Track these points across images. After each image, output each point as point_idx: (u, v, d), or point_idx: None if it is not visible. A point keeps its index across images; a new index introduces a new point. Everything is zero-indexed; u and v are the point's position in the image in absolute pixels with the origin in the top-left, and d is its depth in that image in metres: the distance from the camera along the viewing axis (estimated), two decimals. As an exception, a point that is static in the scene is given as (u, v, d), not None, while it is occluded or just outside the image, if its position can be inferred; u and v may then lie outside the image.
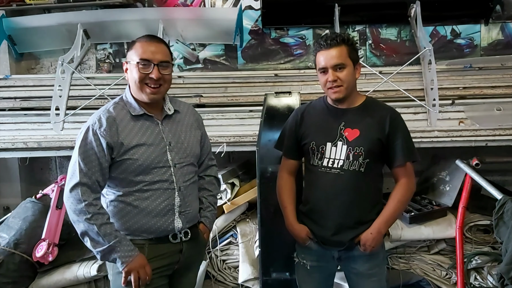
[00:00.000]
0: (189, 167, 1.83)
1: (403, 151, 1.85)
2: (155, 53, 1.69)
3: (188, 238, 1.81)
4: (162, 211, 1.74)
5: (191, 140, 1.86)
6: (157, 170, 1.73)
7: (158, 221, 1.73)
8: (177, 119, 1.85)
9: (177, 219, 1.77)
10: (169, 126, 1.80)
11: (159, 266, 1.75)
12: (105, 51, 3.61)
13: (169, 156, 1.76)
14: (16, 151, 3.08)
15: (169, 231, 1.76)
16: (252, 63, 3.56)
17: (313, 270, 1.99)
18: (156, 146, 1.73)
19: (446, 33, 3.45)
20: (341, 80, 1.80)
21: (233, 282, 2.88)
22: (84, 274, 2.76)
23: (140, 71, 1.68)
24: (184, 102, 1.97)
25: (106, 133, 1.65)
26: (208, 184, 2.01)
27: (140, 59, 1.68)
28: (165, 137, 1.76)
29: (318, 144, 1.89)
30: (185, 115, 1.89)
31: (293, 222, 1.98)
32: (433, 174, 3.20)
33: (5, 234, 2.85)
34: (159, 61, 1.69)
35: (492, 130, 2.84)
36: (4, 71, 3.49)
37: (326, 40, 1.80)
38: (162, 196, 1.74)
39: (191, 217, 1.84)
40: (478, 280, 2.75)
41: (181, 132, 1.83)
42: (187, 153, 1.82)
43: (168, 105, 1.83)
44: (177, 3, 3.50)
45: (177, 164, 1.77)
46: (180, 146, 1.80)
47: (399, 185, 1.90)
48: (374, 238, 1.85)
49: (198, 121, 1.96)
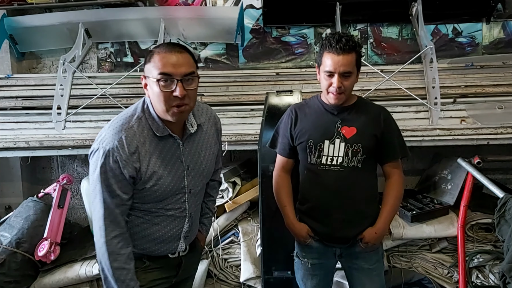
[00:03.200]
0: (202, 190, 1.75)
1: (397, 147, 1.92)
2: (177, 66, 1.45)
3: (186, 252, 1.76)
4: (169, 238, 1.66)
5: (209, 159, 1.71)
6: (172, 198, 1.61)
7: (162, 246, 1.66)
8: (197, 137, 1.66)
9: (181, 243, 1.70)
10: (189, 146, 1.63)
11: (158, 277, 1.69)
12: (106, 50, 3.61)
13: (186, 181, 1.63)
14: (18, 150, 3.09)
15: (170, 252, 1.71)
16: (254, 62, 3.56)
17: (314, 267, 2.00)
18: (174, 172, 1.58)
19: (447, 31, 3.45)
20: (344, 88, 1.81)
21: (234, 280, 2.88)
22: (86, 273, 2.76)
23: (162, 89, 1.45)
24: (206, 108, 1.76)
25: (127, 162, 1.47)
26: (212, 189, 1.94)
27: (161, 74, 1.44)
28: (184, 160, 1.61)
29: (316, 142, 1.90)
30: (207, 129, 1.71)
31: (293, 221, 1.99)
32: (434, 173, 3.19)
33: (7, 233, 2.85)
34: (183, 75, 1.45)
35: (493, 129, 2.84)
36: (5, 70, 3.49)
37: (339, 42, 1.76)
38: (172, 224, 1.65)
39: (193, 234, 1.78)
40: (480, 278, 2.75)
41: (201, 151, 1.67)
42: (203, 176, 1.70)
43: (191, 121, 1.63)
44: (178, 2, 3.49)
45: (192, 189, 1.65)
46: (198, 169, 1.66)
47: (393, 181, 1.95)
48: (378, 237, 1.91)
49: (218, 131, 1.79)
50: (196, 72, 1.52)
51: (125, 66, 3.59)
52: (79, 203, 3.57)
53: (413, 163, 3.36)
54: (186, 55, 1.49)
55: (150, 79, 1.48)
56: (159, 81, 1.44)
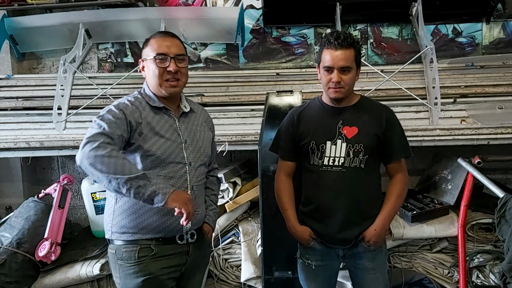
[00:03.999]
0: (202, 167, 1.84)
1: (400, 147, 1.92)
2: (170, 47, 1.72)
3: (194, 240, 1.80)
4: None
5: (205, 140, 1.87)
6: (173, 166, 1.72)
7: (168, 219, 1.71)
8: (192, 118, 1.86)
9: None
10: (185, 124, 1.82)
11: (167, 266, 1.73)
12: (106, 50, 3.61)
13: (185, 153, 1.76)
14: (19, 151, 3.09)
15: (177, 232, 1.74)
16: (254, 62, 3.56)
17: (318, 269, 2.00)
18: (173, 141, 1.74)
19: (447, 31, 3.45)
20: (344, 83, 1.82)
21: (235, 281, 2.88)
22: (87, 273, 2.76)
23: (158, 65, 1.71)
24: (197, 103, 1.99)
25: (130, 113, 1.67)
26: (211, 184, 2.02)
27: (157, 54, 1.70)
28: (181, 134, 1.77)
29: (318, 143, 1.90)
30: (199, 115, 1.91)
31: (295, 224, 1.98)
32: (435, 173, 3.19)
33: (8, 234, 2.85)
34: (175, 54, 1.72)
35: (494, 129, 2.84)
36: (6, 71, 3.49)
37: (337, 39, 1.79)
38: None
39: (199, 219, 1.83)
40: (480, 278, 2.75)
41: (196, 131, 1.84)
42: (201, 153, 1.83)
43: (184, 103, 1.85)
44: (179, 3, 3.50)
45: (192, 162, 1.77)
46: (195, 145, 1.81)
47: (396, 180, 1.95)
48: (378, 234, 1.89)
49: (209, 123, 1.98)
50: (186, 55, 1.78)
51: (126, 67, 3.59)
52: (79, 203, 3.57)
53: (413, 163, 3.36)
54: (177, 40, 1.78)
55: (147, 60, 1.74)
56: (156, 59, 1.70)
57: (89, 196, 3.09)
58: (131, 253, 1.71)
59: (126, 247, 1.73)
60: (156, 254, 1.70)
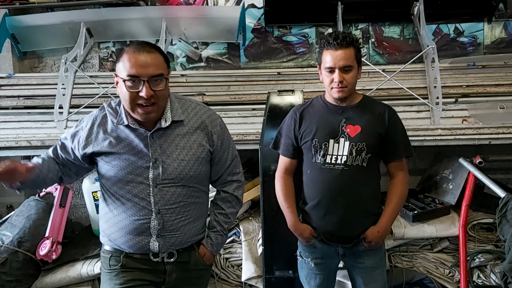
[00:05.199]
0: (177, 189, 1.61)
1: (402, 146, 1.93)
2: (144, 66, 1.45)
3: (173, 260, 1.65)
4: (137, 229, 1.60)
5: (187, 160, 1.61)
6: (134, 186, 1.58)
7: (133, 238, 1.61)
8: (173, 133, 1.60)
9: (154, 242, 1.62)
10: (161, 140, 1.59)
11: (139, 278, 1.64)
12: (108, 49, 3.62)
13: (150, 174, 1.57)
14: (20, 150, 3.09)
15: (145, 250, 1.63)
16: (255, 62, 3.56)
17: (318, 267, 2.01)
18: (135, 160, 1.57)
19: (449, 31, 3.45)
20: (346, 82, 1.83)
21: (236, 280, 2.88)
22: (88, 272, 2.77)
23: (128, 89, 1.46)
24: (200, 109, 1.69)
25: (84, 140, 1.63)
26: (221, 201, 1.80)
27: (128, 76, 1.45)
28: (152, 152, 1.57)
29: (321, 141, 1.91)
30: (191, 129, 1.64)
31: (296, 222, 1.99)
32: (436, 172, 3.19)
33: (9, 233, 2.85)
34: (150, 76, 1.46)
35: (495, 128, 2.84)
36: (7, 69, 3.49)
37: (336, 39, 1.80)
38: (138, 215, 1.60)
39: (181, 241, 1.66)
40: (481, 278, 2.75)
41: (176, 149, 1.60)
42: (176, 174, 1.60)
43: (167, 115, 1.59)
44: (180, 2, 3.49)
45: (158, 184, 1.58)
46: (169, 165, 1.58)
47: (397, 180, 1.96)
48: (380, 236, 1.92)
49: (209, 135, 1.67)
50: (165, 73, 1.52)
51: (127, 66, 3.59)
52: (80, 202, 3.57)
53: (414, 163, 3.36)
54: (155, 55, 1.49)
55: (119, 78, 1.50)
56: (126, 81, 1.46)
57: (90, 195, 3.09)
58: (105, 260, 1.71)
59: (103, 252, 1.74)
60: (125, 265, 1.64)
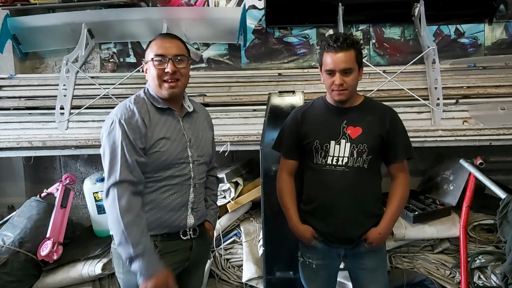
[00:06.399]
0: (204, 165, 1.87)
1: (403, 148, 1.93)
2: (169, 48, 1.72)
3: (197, 235, 1.83)
4: (177, 206, 1.76)
5: (207, 140, 1.90)
6: (178, 166, 1.75)
7: (172, 215, 1.75)
8: (195, 117, 1.89)
9: (190, 216, 1.79)
10: (189, 123, 1.84)
11: (170, 263, 1.73)
12: (109, 50, 3.62)
13: (189, 152, 1.78)
14: (21, 150, 3.09)
15: (181, 227, 1.78)
16: (256, 63, 3.56)
17: (319, 268, 2.00)
18: (178, 142, 1.76)
19: (450, 32, 3.45)
20: (347, 84, 1.83)
21: (237, 281, 2.89)
22: (89, 273, 2.77)
23: (156, 67, 1.71)
24: (198, 103, 2.00)
25: (139, 122, 1.67)
26: (211, 184, 2.05)
27: (155, 55, 1.71)
28: (186, 134, 1.79)
29: (322, 142, 1.91)
30: (201, 115, 1.93)
31: (297, 223, 1.99)
32: (437, 174, 3.19)
33: (10, 233, 2.86)
34: (174, 55, 1.72)
35: (496, 130, 2.84)
36: (8, 70, 3.50)
37: (336, 41, 1.80)
38: (179, 192, 1.76)
39: (201, 215, 1.87)
40: (482, 279, 2.75)
41: (199, 131, 1.87)
42: (204, 152, 1.85)
43: (187, 103, 1.86)
44: (181, 3, 3.50)
45: (195, 161, 1.80)
46: (199, 144, 1.83)
47: (398, 182, 1.96)
48: (382, 237, 1.92)
49: (209, 122, 2.00)
50: (186, 55, 1.77)
51: (128, 66, 3.60)
52: (81, 202, 3.58)
53: (415, 164, 3.36)
54: (177, 41, 1.78)
55: (148, 62, 1.74)
56: (154, 60, 1.71)
57: (91, 196, 3.10)
58: None
59: None
60: (160, 251, 1.70)
